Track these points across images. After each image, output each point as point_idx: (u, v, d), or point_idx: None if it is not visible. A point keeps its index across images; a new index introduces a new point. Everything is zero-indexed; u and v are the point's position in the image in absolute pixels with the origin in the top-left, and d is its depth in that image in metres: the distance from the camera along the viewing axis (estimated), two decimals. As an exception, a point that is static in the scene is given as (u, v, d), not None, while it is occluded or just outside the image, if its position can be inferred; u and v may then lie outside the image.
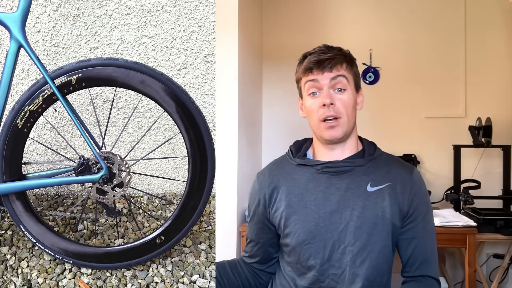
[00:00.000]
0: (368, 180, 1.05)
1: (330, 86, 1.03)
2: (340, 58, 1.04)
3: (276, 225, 1.10)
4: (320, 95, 1.04)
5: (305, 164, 1.09)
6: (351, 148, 1.09)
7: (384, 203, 1.02)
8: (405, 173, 1.07)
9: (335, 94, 1.04)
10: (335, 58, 1.03)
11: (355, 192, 1.04)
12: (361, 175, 1.05)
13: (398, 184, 1.05)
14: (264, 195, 1.12)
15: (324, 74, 1.03)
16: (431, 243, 1.06)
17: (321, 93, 1.04)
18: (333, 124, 1.03)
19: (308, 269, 1.03)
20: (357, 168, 1.06)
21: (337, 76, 1.03)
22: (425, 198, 1.07)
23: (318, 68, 1.03)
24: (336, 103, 1.03)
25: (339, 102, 1.03)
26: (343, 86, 1.04)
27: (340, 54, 1.05)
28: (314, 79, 1.04)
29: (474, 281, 2.03)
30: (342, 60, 1.05)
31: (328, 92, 1.03)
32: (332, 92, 1.03)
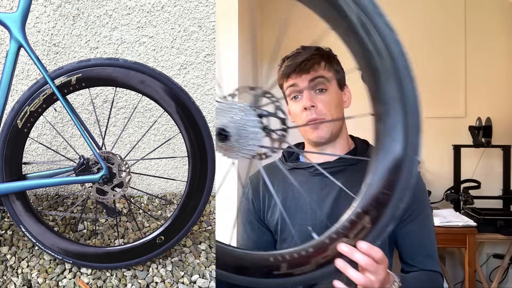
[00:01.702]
0: (362, 178, 1.04)
1: (310, 88, 1.01)
2: (317, 58, 1.02)
3: (273, 230, 1.09)
4: (301, 99, 1.02)
5: (297, 167, 1.08)
6: (342, 148, 1.08)
7: None
8: None
9: (316, 95, 1.02)
10: (311, 59, 1.01)
11: (351, 191, 1.03)
12: (354, 174, 1.03)
13: None
14: (259, 201, 1.11)
15: (302, 76, 1.01)
16: (430, 237, 1.04)
17: (302, 96, 1.02)
18: (317, 125, 1.01)
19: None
20: (349, 167, 1.04)
21: (316, 77, 1.01)
22: (422, 194, 1.06)
23: (295, 71, 1.01)
24: (318, 105, 1.01)
25: (320, 104, 1.01)
26: (323, 86, 1.02)
27: (317, 53, 1.03)
28: (293, 83, 1.03)
29: (474, 281, 2.03)
30: (320, 59, 1.02)
31: (309, 94, 1.01)
32: (313, 94, 1.02)
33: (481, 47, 2.55)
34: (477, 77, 2.55)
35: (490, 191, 2.38)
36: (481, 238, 2.16)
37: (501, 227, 2.08)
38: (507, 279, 2.41)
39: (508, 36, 2.53)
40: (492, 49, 2.54)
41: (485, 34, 2.55)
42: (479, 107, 2.51)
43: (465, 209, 2.29)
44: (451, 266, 2.58)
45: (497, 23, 2.54)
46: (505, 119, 2.47)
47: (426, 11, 2.58)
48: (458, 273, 2.57)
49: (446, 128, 2.55)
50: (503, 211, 2.27)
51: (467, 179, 2.38)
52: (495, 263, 2.45)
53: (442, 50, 2.57)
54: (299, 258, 0.73)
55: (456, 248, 2.46)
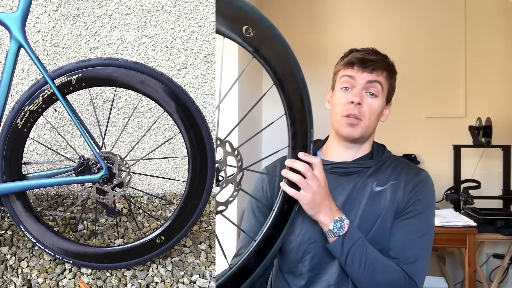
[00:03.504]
0: (375, 180, 1.05)
1: (363, 87, 1.04)
2: (383, 64, 1.05)
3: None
4: (351, 92, 1.04)
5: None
6: (364, 152, 1.11)
7: (386, 201, 1.02)
8: (412, 173, 1.07)
9: (366, 97, 1.04)
10: (379, 62, 1.04)
11: (361, 192, 1.04)
12: (368, 176, 1.06)
13: (402, 182, 1.05)
14: (274, 190, 1.12)
15: (363, 73, 1.03)
16: (418, 242, 1.02)
17: (353, 91, 1.04)
18: (354, 122, 1.03)
19: (311, 270, 1.03)
20: (365, 169, 1.07)
21: (374, 81, 1.03)
22: (426, 198, 1.05)
23: (360, 65, 1.04)
24: (364, 105, 1.03)
25: (367, 105, 1.03)
26: (376, 92, 1.04)
27: (384, 61, 1.06)
28: (351, 75, 1.04)
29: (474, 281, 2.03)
30: (385, 67, 1.05)
31: (360, 92, 1.03)
32: (364, 94, 1.04)
33: (481, 47, 2.55)
34: (477, 77, 2.55)
35: (490, 191, 2.38)
36: (481, 238, 2.16)
37: (501, 227, 2.08)
38: (507, 279, 2.41)
39: (508, 36, 2.53)
40: (492, 49, 2.55)
41: (485, 34, 2.55)
42: (479, 107, 2.51)
43: (465, 209, 2.29)
44: (451, 266, 2.58)
45: (497, 24, 2.54)
46: (505, 119, 2.47)
47: (426, 11, 2.59)
48: (458, 273, 2.57)
49: (446, 128, 2.55)
50: (503, 211, 2.27)
51: (467, 179, 2.38)
52: (495, 263, 2.45)
53: (442, 50, 2.57)
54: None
55: (456, 248, 2.46)
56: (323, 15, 2.70)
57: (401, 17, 2.61)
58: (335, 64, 1.11)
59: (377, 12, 2.65)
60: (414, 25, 2.58)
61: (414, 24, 2.59)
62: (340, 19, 2.69)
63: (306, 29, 2.67)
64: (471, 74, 2.56)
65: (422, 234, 1.02)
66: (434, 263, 2.48)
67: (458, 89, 2.57)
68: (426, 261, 1.03)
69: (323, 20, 2.69)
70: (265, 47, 0.83)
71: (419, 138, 2.58)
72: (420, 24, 2.58)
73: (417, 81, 2.55)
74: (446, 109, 2.58)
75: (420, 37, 2.57)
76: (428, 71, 2.56)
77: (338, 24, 2.69)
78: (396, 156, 1.14)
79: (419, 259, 1.01)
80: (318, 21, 2.69)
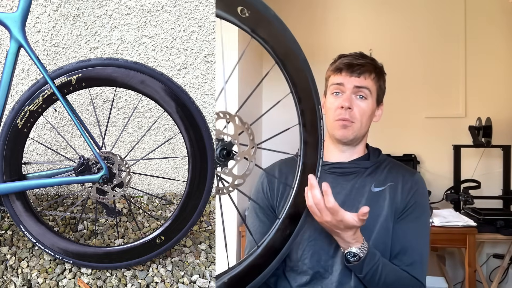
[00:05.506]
0: (373, 181, 1.08)
1: (352, 92, 1.07)
2: (370, 67, 1.09)
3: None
4: (341, 97, 1.08)
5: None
6: (359, 154, 1.14)
7: (385, 202, 1.04)
8: (408, 175, 1.10)
9: (356, 100, 1.08)
10: (365, 66, 1.08)
11: (360, 191, 1.06)
12: (366, 176, 1.09)
13: (399, 183, 1.08)
14: (273, 191, 1.14)
15: (351, 78, 1.07)
16: (420, 244, 1.05)
17: (343, 96, 1.08)
18: (347, 124, 1.07)
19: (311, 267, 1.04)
20: (362, 170, 1.10)
21: (362, 86, 1.07)
22: (422, 199, 1.09)
23: (347, 70, 1.08)
24: (354, 109, 1.07)
25: (357, 108, 1.07)
26: (364, 95, 1.08)
27: (371, 64, 1.10)
28: (340, 82, 1.08)
29: (474, 281, 2.03)
30: (372, 69, 1.09)
31: (350, 96, 1.07)
32: (353, 97, 1.08)
33: (481, 48, 2.55)
34: (477, 77, 2.55)
35: (490, 191, 2.38)
36: (481, 238, 2.16)
37: (501, 227, 2.08)
38: (507, 279, 2.41)
39: (508, 37, 2.53)
40: (492, 49, 2.55)
41: (485, 35, 2.55)
42: (479, 107, 2.51)
43: (465, 209, 2.29)
44: (451, 266, 2.58)
45: (497, 24, 2.54)
46: (505, 119, 2.47)
47: (426, 11, 2.59)
48: (458, 273, 2.57)
49: (446, 128, 2.55)
50: (503, 211, 2.27)
51: (467, 179, 2.38)
52: (495, 263, 2.45)
53: (442, 50, 2.57)
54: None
55: (456, 248, 2.46)
56: (323, 15, 2.69)
57: (401, 17, 2.61)
58: (326, 70, 1.15)
59: (377, 12, 2.65)
60: (414, 25, 2.58)
61: (414, 24, 2.59)
62: (340, 19, 2.68)
63: (306, 30, 2.67)
64: (471, 74, 2.56)
65: (423, 236, 1.06)
66: (434, 263, 2.48)
67: (458, 89, 2.57)
68: (427, 261, 1.07)
69: (323, 20, 2.69)
70: (262, 27, 0.83)
71: (419, 138, 2.58)
72: (420, 24, 2.58)
73: (417, 81, 2.55)
74: (446, 109, 2.58)
75: (420, 37, 2.57)
76: (428, 71, 2.56)
77: (337, 24, 2.69)
78: (391, 158, 1.18)
79: (423, 261, 1.04)
80: (318, 22, 2.69)
